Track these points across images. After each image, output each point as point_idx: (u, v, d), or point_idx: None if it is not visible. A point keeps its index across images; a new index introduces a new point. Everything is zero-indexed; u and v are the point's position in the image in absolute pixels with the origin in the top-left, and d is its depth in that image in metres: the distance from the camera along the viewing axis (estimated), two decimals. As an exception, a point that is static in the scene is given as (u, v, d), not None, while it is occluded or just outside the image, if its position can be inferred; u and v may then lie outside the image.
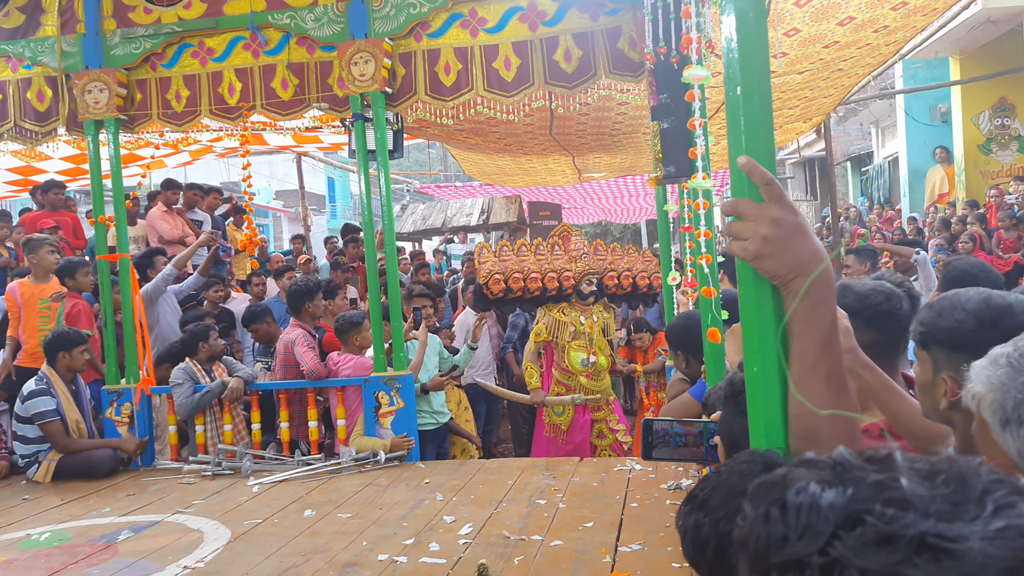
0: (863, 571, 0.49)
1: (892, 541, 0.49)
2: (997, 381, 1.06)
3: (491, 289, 6.06)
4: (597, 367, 6.00)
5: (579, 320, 6.03)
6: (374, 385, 5.16)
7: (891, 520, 0.50)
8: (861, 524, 0.50)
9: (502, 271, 6.09)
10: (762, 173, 1.20)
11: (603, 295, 6.24)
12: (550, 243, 6.28)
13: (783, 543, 0.52)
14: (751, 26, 1.29)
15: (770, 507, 0.54)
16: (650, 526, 3.61)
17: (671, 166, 3.08)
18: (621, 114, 7.22)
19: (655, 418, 1.67)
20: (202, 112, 5.58)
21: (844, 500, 0.52)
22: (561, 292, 6.02)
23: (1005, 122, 12.23)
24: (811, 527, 0.52)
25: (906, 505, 0.51)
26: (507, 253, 6.24)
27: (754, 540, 0.54)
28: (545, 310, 6.09)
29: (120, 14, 5.56)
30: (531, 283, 6.02)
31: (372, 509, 4.16)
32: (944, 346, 1.55)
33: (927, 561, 0.48)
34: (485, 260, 6.22)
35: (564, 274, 6.04)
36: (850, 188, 20.42)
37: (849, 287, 2.01)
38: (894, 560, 0.48)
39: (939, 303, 1.62)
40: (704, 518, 1.04)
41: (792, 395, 1.20)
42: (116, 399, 5.50)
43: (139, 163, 8.95)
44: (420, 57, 5.27)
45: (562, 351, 6.00)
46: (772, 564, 0.52)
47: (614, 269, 6.29)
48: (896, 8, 5.67)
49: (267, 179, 24.21)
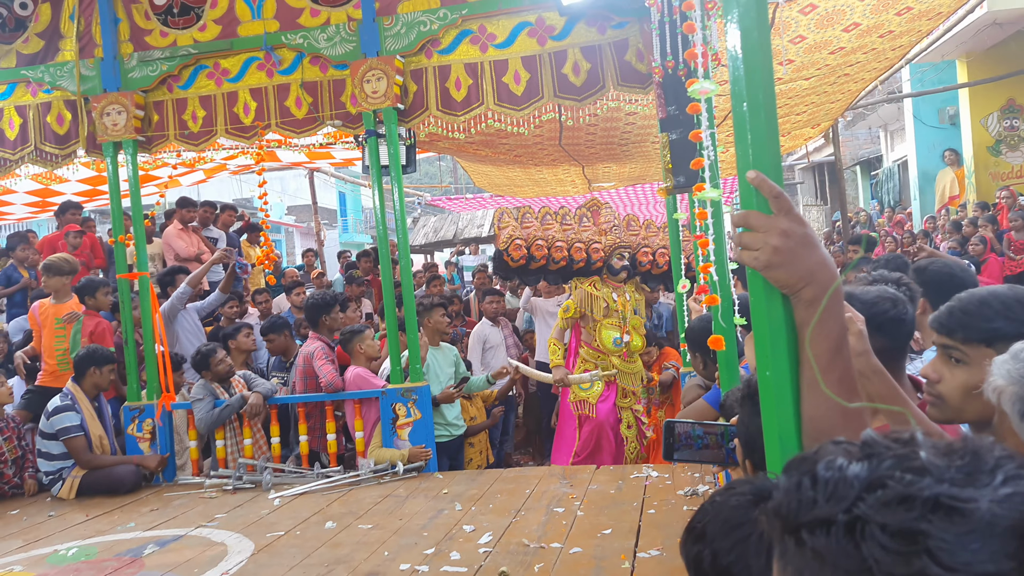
0: (882, 526, 0.54)
1: (909, 500, 0.55)
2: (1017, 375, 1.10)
3: (511, 255, 5.69)
4: (631, 347, 5.68)
5: (611, 297, 5.67)
6: (391, 397, 5.22)
7: (909, 484, 0.56)
8: (883, 487, 0.56)
9: (524, 237, 5.72)
10: (770, 186, 1.26)
11: (636, 272, 5.88)
12: (578, 214, 5.93)
13: (812, 505, 0.58)
14: (755, 43, 1.35)
15: (802, 477, 0.61)
16: (668, 532, 3.65)
17: (680, 176, 3.14)
18: (630, 124, 7.28)
19: (677, 420, 1.72)
20: (218, 132, 5.68)
21: (868, 470, 0.58)
22: (589, 265, 5.66)
23: (1014, 123, 12.22)
24: (837, 491, 0.58)
25: (924, 472, 0.57)
26: (530, 220, 5.85)
27: (786, 505, 0.60)
28: (576, 283, 5.73)
29: (137, 38, 5.68)
30: (556, 252, 5.64)
31: (392, 520, 4.21)
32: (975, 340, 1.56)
33: (940, 518, 0.54)
34: (505, 225, 5.84)
35: (593, 246, 5.67)
36: (860, 192, 20.38)
37: (855, 295, 2.05)
38: (911, 517, 0.54)
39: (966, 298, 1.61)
40: (704, 550, 1.10)
41: (804, 398, 1.25)
42: (137, 416, 5.59)
43: (156, 183, 9.07)
44: (431, 73, 5.36)
45: (593, 328, 5.65)
46: (801, 523, 0.58)
47: (648, 246, 5.91)
48: (901, 13, 5.71)
49: (279, 195, 24.38)
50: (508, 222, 5.81)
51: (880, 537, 0.54)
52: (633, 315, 5.71)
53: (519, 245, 5.64)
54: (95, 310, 6.20)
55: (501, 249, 5.72)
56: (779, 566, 0.63)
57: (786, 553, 0.61)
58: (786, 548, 0.60)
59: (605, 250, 5.67)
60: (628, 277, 5.76)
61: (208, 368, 5.44)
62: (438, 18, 5.25)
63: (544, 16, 5.16)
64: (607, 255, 5.66)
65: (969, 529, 0.53)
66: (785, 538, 0.60)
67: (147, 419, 5.56)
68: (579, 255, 5.62)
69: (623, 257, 5.70)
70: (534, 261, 5.64)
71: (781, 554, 0.62)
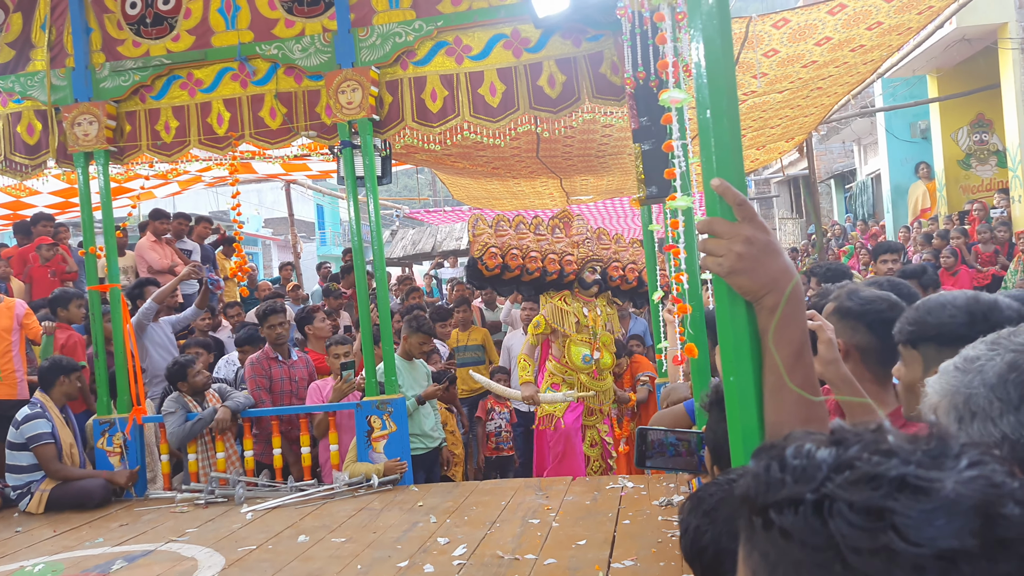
0: (850, 504, 0.56)
1: (877, 479, 0.56)
2: (948, 386, 1.13)
3: (486, 264, 5.53)
4: (600, 365, 5.56)
5: (582, 312, 5.55)
6: (366, 409, 5.18)
7: (877, 464, 0.57)
8: (851, 468, 0.58)
9: (499, 246, 5.57)
10: (734, 194, 1.27)
11: (607, 287, 5.81)
12: (550, 225, 5.81)
13: (780, 486, 0.59)
14: (718, 52, 1.36)
15: (771, 461, 0.62)
16: (642, 542, 3.65)
17: (653, 186, 3.16)
18: (606, 136, 7.33)
19: (650, 427, 1.72)
20: (191, 143, 5.64)
21: (836, 454, 0.60)
22: (562, 277, 5.55)
23: (983, 138, 12.43)
24: (806, 473, 0.59)
25: (891, 454, 0.58)
26: (505, 228, 5.69)
27: (754, 487, 0.61)
28: (546, 298, 5.62)
29: (109, 48, 5.63)
30: (530, 262, 5.50)
31: (366, 533, 4.17)
32: (935, 342, 1.60)
33: (907, 496, 0.55)
34: (480, 232, 5.65)
35: (566, 258, 5.55)
36: (834, 205, 20.62)
37: (856, 292, 2.06)
38: (878, 495, 0.55)
39: (926, 303, 1.68)
40: (708, 526, 1.10)
41: (767, 404, 1.26)
42: (108, 429, 5.50)
43: (128, 195, 8.99)
44: (407, 85, 5.36)
45: (563, 344, 5.54)
46: (769, 503, 0.59)
47: (618, 260, 5.80)
48: (871, 28, 5.80)
49: (256, 207, 24.24)
50: (483, 229, 5.68)
51: (847, 514, 0.55)
52: (604, 331, 5.63)
53: (494, 253, 5.52)
54: (67, 322, 6.12)
55: (476, 257, 5.58)
56: (744, 551, 0.64)
57: (753, 536, 0.62)
58: (753, 531, 0.61)
59: (578, 263, 5.58)
60: (600, 291, 5.68)
61: (184, 380, 5.38)
62: (413, 30, 5.25)
63: (519, 28, 5.19)
64: (579, 268, 5.57)
65: (934, 507, 0.55)
66: (753, 520, 0.61)
67: (117, 433, 5.48)
68: (553, 267, 5.52)
69: (595, 271, 5.61)
70: (508, 271, 5.53)
71: (748, 538, 0.63)
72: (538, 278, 5.55)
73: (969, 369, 1.12)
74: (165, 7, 5.59)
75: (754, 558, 0.62)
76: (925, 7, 5.72)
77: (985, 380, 1.09)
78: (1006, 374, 1.08)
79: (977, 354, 1.14)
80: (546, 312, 5.56)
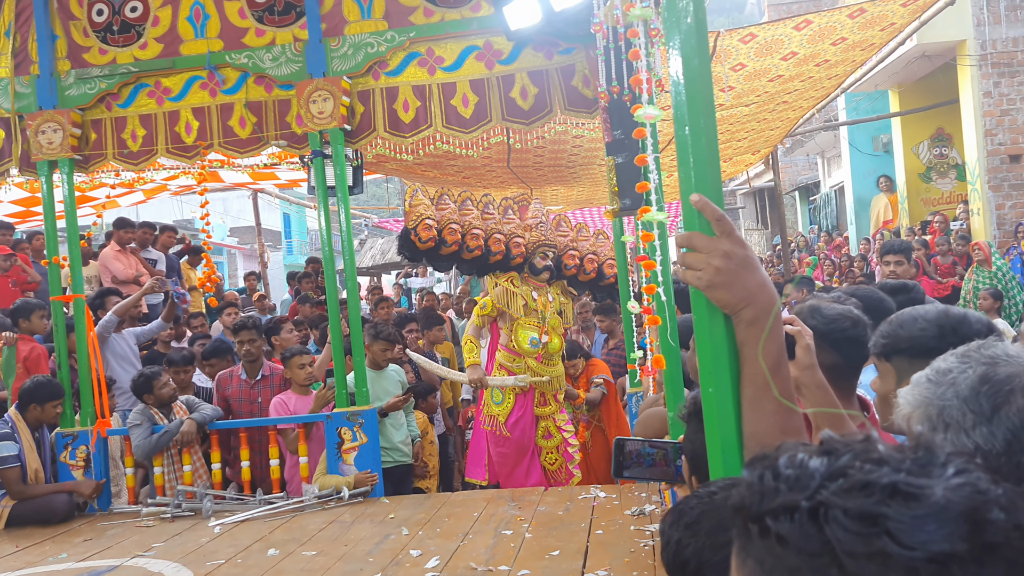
0: (845, 510, 0.58)
1: (869, 487, 0.59)
2: (920, 397, 1.16)
3: (419, 235, 5.22)
4: (549, 349, 5.34)
5: (531, 295, 5.34)
6: (336, 421, 5.14)
7: (868, 472, 0.60)
8: (844, 476, 0.60)
9: (436, 219, 5.27)
10: (713, 209, 1.29)
11: (561, 276, 5.59)
12: (503, 205, 5.57)
13: (776, 494, 0.62)
14: (696, 70, 1.39)
15: (764, 471, 0.64)
16: (615, 552, 3.66)
17: (626, 199, 3.19)
18: (577, 147, 7.38)
19: (627, 438, 1.74)
20: (158, 151, 5.57)
21: (828, 463, 0.62)
22: (508, 258, 5.31)
23: (943, 151, 12.73)
24: (800, 482, 0.61)
25: (881, 463, 0.61)
26: (447, 202, 5.40)
27: (749, 496, 0.64)
28: (493, 279, 5.39)
29: (75, 55, 5.55)
30: (471, 239, 5.24)
31: (337, 546, 4.13)
32: (907, 354, 1.64)
33: (898, 502, 0.58)
34: (417, 203, 5.33)
35: (514, 239, 5.31)
36: (799, 217, 20.95)
37: (819, 309, 2.10)
38: (871, 501, 0.58)
39: (899, 317, 1.73)
40: (690, 539, 1.11)
41: (746, 415, 1.28)
42: (71, 442, 5.39)
43: (93, 204, 8.85)
44: (379, 95, 5.35)
45: (510, 328, 5.33)
46: (764, 511, 0.62)
47: (576, 249, 5.59)
48: (836, 43, 5.93)
49: (222, 216, 23.99)
50: (420, 200, 5.37)
51: (843, 520, 0.58)
52: (554, 316, 5.42)
53: (429, 226, 5.22)
54: (29, 334, 5.99)
55: (409, 228, 5.29)
56: (738, 560, 0.66)
57: (748, 544, 0.64)
58: (749, 539, 0.63)
59: (528, 246, 5.35)
60: (551, 278, 5.46)
61: (150, 392, 5.28)
62: (385, 40, 5.25)
63: (492, 40, 5.21)
64: (529, 252, 5.35)
65: (925, 512, 0.57)
66: (749, 527, 0.63)
67: (81, 446, 5.37)
68: (497, 247, 5.28)
69: (546, 256, 5.38)
70: (445, 245, 5.26)
71: (742, 547, 0.65)
72: (479, 257, 5.32)
73: (942, 381, 1.15)
74: (133, 15, 5.53)
75: (748, 566, 0.63)
76: (887, 24, 5.86)
77: (958, 392, 1.12)
78: (978, 387, 1.11)
79: (949, 367, 1.18)
80: (493, 294, 5.37)
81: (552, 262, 5.45)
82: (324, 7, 5.31)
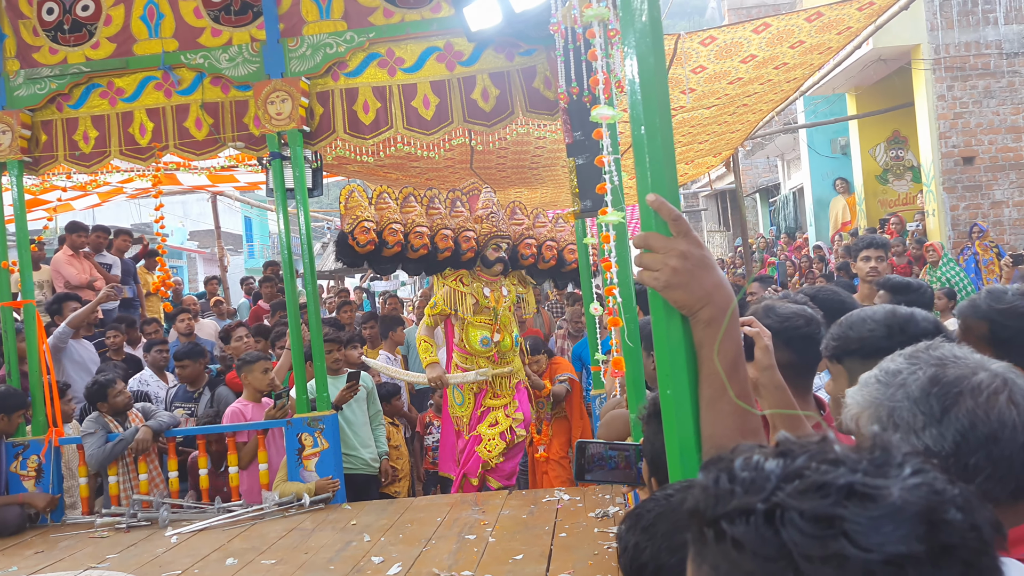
0: (800, 512, 0.57)
1: (825, 488, 0.58)
2: (870, 398, 1.16)
3: (357, 239, 4.94)
4: (501, 348, 5.18)
5: (482, 293, 5.15)
6: (297, 427, 5.06)
7: (824, 473, 0.59)
8: (800, 478, 0.59)
9: (376, 220, 4.99)
10: (669, 209, 1.28)
11: (517, 266, 5.38)
12: (450, 198, 5.31)
13: (731, 497, 0.60)
14: (651, 70, 1.37)
15: (720, 473, 0.62)
16: (579, 555, 3.65)
17: (587, 201, 3.18)
18: (539, 148, 7.38)
19: (589, 440, 1.72)
20: (112, 153, 5.45)
21: (784, 464, 0.61)
22: (457, 254, 5.07)
23: (899, 154, 12.97)
24: (755, 484, 0.60)
25: (838, 463, 0.60)
26: (387, 201, 5.14)
27: (703, 500, 0.62)
28: (440, 280, 5.19)
29: (24, 55, 5.41)
30: (415, 238, 4.95)
31: (297, 554, 4.06)
32: (858, 355, 1.65)
33: (855, 503, 0.57)
34: (353, 204, 5.03)
35: (463, 234, 5.07)
36: (760, 218, 21.21)
37: (773, 308, 2.11)
38: (827, 503, 0.57)
39: (847, 319, 1.74)
40: (647, 542, 1.09)
41: (703, 417, 1.27)
42: (22, 452, 5.24)
43: (44, 207, 8.64)
44: (338, 96, 5.28)
45: (462, 327, 5.15)
46: (720, 515, 0.60)
47: (533, 237, 5.37)
48: (794, 47, 6.00)
49: (180, 219, 23.60)
50: (357, 201, 5.08)
51: (799, 522, 0.57)
52: (506, 312, 5.24)
53: (367, 228, 4.92)
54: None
55: (346, 232, 5.02)
56: (694, 565, 0.64)
57: (704, 548, 0.62)
58: (704, 543, 0.62)
59: (479, 239, 5.13)
60: (505, 270, 5.27)
61: (105, 400, 5.16)
62: (344, 41, 5.19)
63: (453, 42, 5.18)
64: (481, 245, 5.13)
65: (882, 513, 0.56)
66: (704, 531, 0.61)
67: (32, 455, 5.22)
68: (444, 243, 5.01)
69: (499, 248, 5.15)
70: (387, 247, 4.97)
71: (697, 552, 0.63)
72: (426, 255, 5.08)
73: (891, 383, 1.15)
74: (84, 13, 5.40)
75: (704, 571, 0.62)
76: (844, 27, 5.94)
77: (908, 394, 1.12)
78: (928, 388, 1.11)
79: (898, 367, 1.18)
80: (442, 294, 5.21)
81: (506, 253, 5.25)
82: (282, 7, 5.24)
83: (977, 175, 11.21)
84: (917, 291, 3.28)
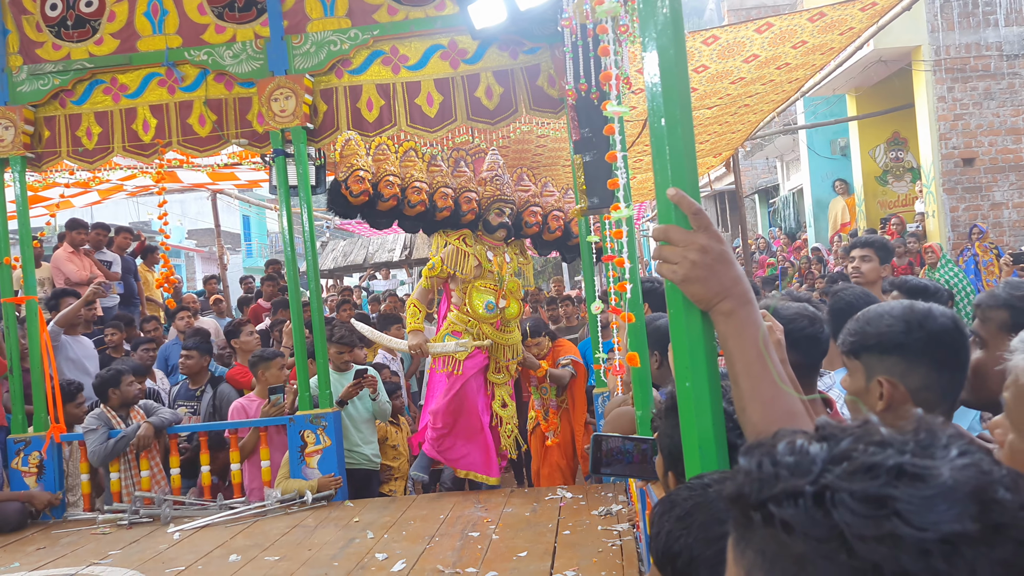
0: (851, 493, 0.57)
1: (875, 469, 0.58)
2: None
3: (351, 188, 4.75)
4: (506, 315, 4.97)
5: (485, 255, 4.95)
6: (299, 424, 5.06)
7: (872, 455, 0.59)
8: (847, 460, 0.59)
9: (371, 171, 4.79)
10: (690, 203, 1.28)
11: (521, 234, 5.16)
12: (453, 157, 5.10)
13: (776, 480, 0.60)
14: (672, 62, 1.37)
15: (762, 458, 0.62)
16: (583, 552, 3.65)
17: (594, 197, 3.18)
18: (540, 146, 7.38)
19: (606, 434, 1.72)
20: (114, 150, 5.44)
21: (829, 448, 0.61)
22: (457, 215, 4.87)
23: (899, 155, 12.99)
24: (801, 467, 0.60)
25: (885, 445, 0.60)
26: (385, 152, 4.91)
27: (748, 484, 0.62)
28: (443, 236, 4.96)
29: (27, 51, 5.40)
30: (413, 194, 4.75)
31: (301, 551, 4.06)
32: (876, 351, 1.65)
33: (906, 484, 0.57)
34: (349, 153, 4.84)
35: (465, 195, 4.87)
36: (759, 219, 21.22)
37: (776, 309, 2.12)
38: (878, 483, 0.57)
39: (865, 315, 1.74)
40: (682, 532, 1.09)
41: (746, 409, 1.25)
42: (23, 448, 5.23)
43: (45, 204, 8.62)
44: (342, 93, 5.28)
45: (463, 290, 4.92)
46: (766, 498, 0.60)
47: (539, 205, 5.14)
48: (796, 47, 6.01)
49: (179, 218, 23.57)
50: (353, 150, 4.88)
51: (850, 503, 0.56)
52: (511, 278, 5.04)
53: (361, 178, 4.74)
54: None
55: (339, 180, 4.84)
56: (736, 552, 0.63)
57: (749, 533, 0.62)
58: (749, 527, 0.62)
59: (481, 202, 4.94)
60: (508, 237, 5.07)
61: (117, 386, 5.16)
62: (349, 38, 5.19)
63: (457, 39, 5.18)
64: (483, 208, 4.94)
65: (934, 493, 0.56)
66: (750, 515, 0.61)
67: (33, 452, 5.21)
68: (444, 202, 4.82)
69: (502, 213, 4.98)
70: (382, 200, 4.78)
71: (740, 536, 0.63)
72: (424, 212, 4.89)
73: None
74: (87, 9, 5.39)
75: (748, 556, 0.62)
76: (846, 28, 5.95)
77: None
78: None
79: None
80: (443, 254, 4.99)
81: (510, 219, 5.07)
82: (286, 4, 5.23)
83: (977, 176, 11.23)
84: (935, 295, 3.27)
